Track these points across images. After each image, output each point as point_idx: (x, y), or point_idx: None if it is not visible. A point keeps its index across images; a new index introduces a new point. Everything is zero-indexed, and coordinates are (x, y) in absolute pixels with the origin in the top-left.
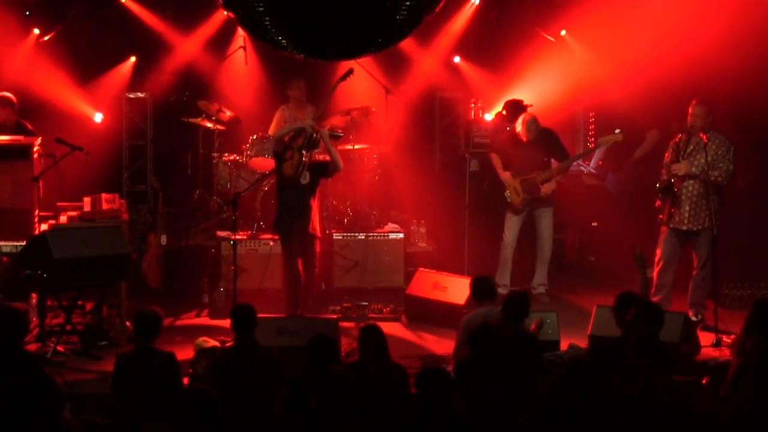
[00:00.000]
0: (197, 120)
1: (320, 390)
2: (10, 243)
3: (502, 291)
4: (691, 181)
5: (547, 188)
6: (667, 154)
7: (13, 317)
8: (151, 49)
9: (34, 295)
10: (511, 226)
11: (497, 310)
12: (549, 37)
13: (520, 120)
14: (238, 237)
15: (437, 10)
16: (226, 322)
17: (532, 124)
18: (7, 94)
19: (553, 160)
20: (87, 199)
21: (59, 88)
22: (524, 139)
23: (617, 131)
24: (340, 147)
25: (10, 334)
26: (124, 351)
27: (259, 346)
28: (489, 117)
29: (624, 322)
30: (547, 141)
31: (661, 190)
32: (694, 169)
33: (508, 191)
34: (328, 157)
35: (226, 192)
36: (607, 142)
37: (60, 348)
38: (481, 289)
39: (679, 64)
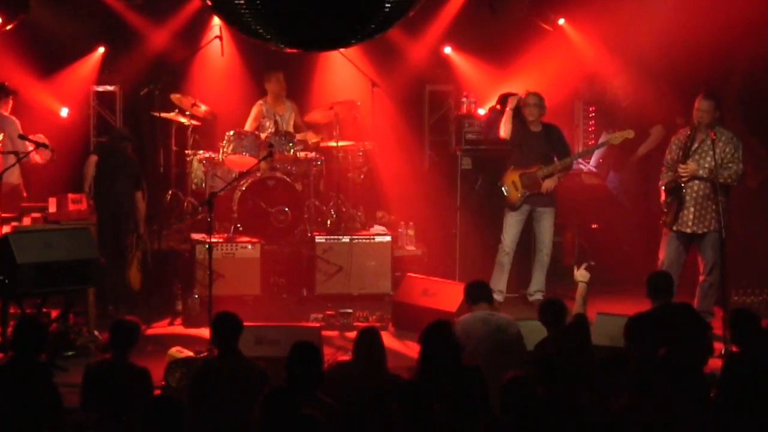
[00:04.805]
0: (170, 115)
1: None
2: None
3: (497, 297)
4: (697, 181)
5: (548, 184)
6: (668, 152)
7: (39, 329)
8: (120, 39)
9: None
10: (510, 229)
11: (496, 314)
12: (546, 27)
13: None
14: (213, 240)
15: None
16: (201, 331)
17: (536, 102)
18: None
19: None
20: (52, 200)
21: (22, 81)
22: (530, 118)
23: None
24: (323, 143)
25: (33, 346)
26: (94, 361)
27: (243, 358)
28: (482, 111)
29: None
30: (551, 135)
31: (669, 191)
32: (701, 171)
33: (505, 185)
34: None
35: (201, 192)
36: (616, 139)
37: None
38: (475, 292)
39: (685, 54)
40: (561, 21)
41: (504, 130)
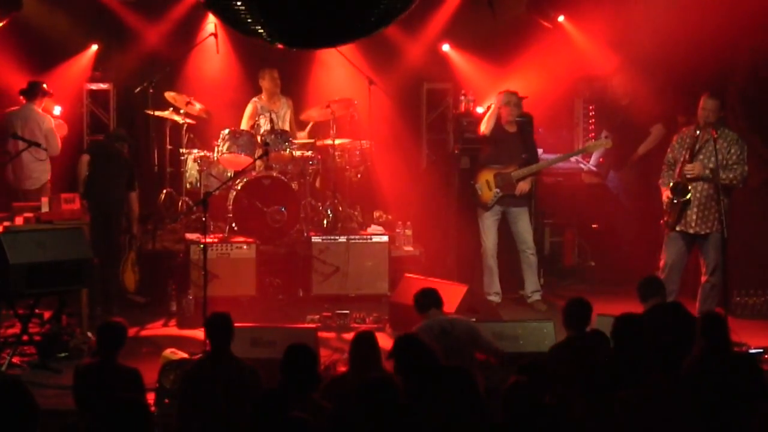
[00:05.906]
0: (164, 113)
1: (294, 407)
2: None
3: (494, 299)
4: (700, 181)
5: (523, 187)
6: (669, 150)
7: None
8: (114, 36)
9: None
10: (489, 232)
11: (439, 318)
12: (546, 24)
13: (500, 99)
14: (208, 240)
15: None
16: (196, 332)
17: (516, 102)
18: None
19: None
20: (45, 199)
21: (15, 79)
22: (509, 118)
23: (605, 135)
24: (320, 141)
25: None
26: (84, 362)
27: (235, 359)
28: (480, 110)
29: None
30: (525, 136)
31: (677, 191)
32: (707, 171)
33: (478, 183)
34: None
35: (196, 191)
36: (594, 147)
37: (16, 360)
38: (422, 301)
39: (686, 52)
40: (561, 18)
41: (486, 126)
